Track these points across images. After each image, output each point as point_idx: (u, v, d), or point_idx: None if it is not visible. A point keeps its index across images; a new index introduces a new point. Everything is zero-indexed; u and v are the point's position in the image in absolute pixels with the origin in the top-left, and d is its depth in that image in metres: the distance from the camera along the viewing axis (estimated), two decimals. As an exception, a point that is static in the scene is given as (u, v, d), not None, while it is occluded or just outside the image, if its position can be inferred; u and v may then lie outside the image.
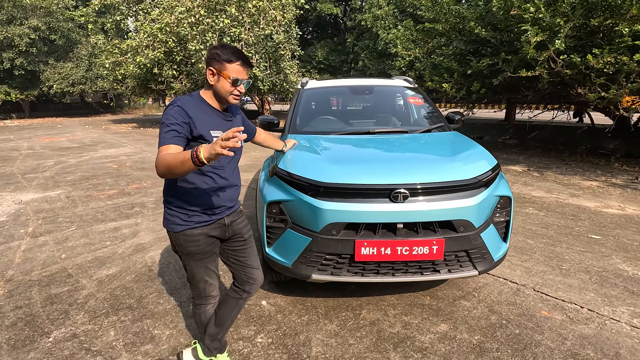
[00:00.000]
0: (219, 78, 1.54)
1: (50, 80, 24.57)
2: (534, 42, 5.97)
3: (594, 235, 3.63)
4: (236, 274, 1.86)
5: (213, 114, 1.62)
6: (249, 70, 1.61)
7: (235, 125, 1.74)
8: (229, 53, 1.53)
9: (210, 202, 1.65)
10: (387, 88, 3.64)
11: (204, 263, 1.71)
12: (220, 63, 1.53)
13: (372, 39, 15.16)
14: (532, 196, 5.04)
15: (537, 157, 8.30)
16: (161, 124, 1.50)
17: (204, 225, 1.65)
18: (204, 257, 1.70)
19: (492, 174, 2.20)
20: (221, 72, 1.53)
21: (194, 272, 1.72)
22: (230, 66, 1.52)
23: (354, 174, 2.07)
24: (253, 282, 1.87)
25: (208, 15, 11.94)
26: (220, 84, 1.55)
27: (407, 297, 2.57)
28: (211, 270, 1.76)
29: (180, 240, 1.64)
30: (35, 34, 23.08)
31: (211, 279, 1.77)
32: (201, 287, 1.76)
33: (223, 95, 1.58)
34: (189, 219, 1.62)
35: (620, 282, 2.71)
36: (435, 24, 8.49)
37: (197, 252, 1.67)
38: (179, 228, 1.62)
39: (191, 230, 1.63)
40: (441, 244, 2.03)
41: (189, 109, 1.52)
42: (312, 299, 2.57)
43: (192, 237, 1.64)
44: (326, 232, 2.05)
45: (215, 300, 1.84)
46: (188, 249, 1.66)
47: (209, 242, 1.69)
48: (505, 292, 2.61)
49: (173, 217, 1.63)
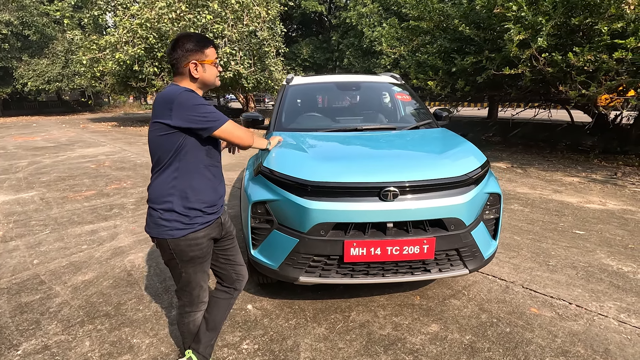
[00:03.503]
0: (204, 67, 1.51)
1: (24, 78, 23.61)
2: (517, 40, 6.03)
3: (578, 230, 3.68)
4: (226, 273, 1.79)
5: None
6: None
7: None
8: (200, 41, 1.51)
9: (212, 198, 1.58)
10: (374, 84, 3.58)
11: (203, 267, 1.63)
12: (201, 52, 1.50)
13: (357, 36, 15.12)
14: (516, 192, 5.09)
15: (520, 153, 8.43)
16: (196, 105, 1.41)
17: (206, 225, 1.56)
18: (205, 261, 1.61)
19: (482, 171, 2.17)
20: (204, 61, 1.51)
21: (191, 279, 1.61)
22: (208, 51, 1.53)
23: (342, 172, 2.00)
24: (243, 278, 1.84)
25: (190, 11, 11.65)
26: (208, 72, 1.54)
27: (397, 297, 2.53)
28: (207, 274, 1.68)
29: (182, 246, 1.51)
30: (8, 29, 22.14)
31: (205, 283, 1.69)
32: (195, 294, 1.65)
33: (211, 82, 1.57)
34: (191, 221, 1.51)
35: (606, 277, 2.73)
36: (420, 22, 8.52)
37: (200, 257, 1.57)
38: (181, 233, 1.49)
39: (195, 234, 1.52)
40: (432, 243, 1.98)
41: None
42: (300, 302, 2.49)
43: (196, 241, 1.53)
44: (314, 232, 1.97)
45: (204, 307, 1.74)
46: (191, 254, 1.54)
47: (210, 244, 1.62)
48: (494, 289, 2.59)
49: (171, 221, 1.48)
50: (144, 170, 6.96)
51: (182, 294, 1.65)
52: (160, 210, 1.48)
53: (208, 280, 1.71)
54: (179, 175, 1.47)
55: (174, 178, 1.47)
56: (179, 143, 1.43)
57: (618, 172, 6.28)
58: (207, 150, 1.53)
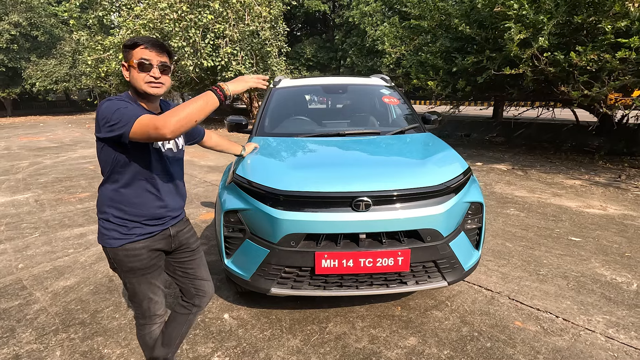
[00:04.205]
0: (130, 70, 1.39)
1: (32, 78, 23.93)
2: (517, 39, 5.89)
3: (574, 237, 3.56)
4: (184, 287, 1.72)
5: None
6: (164, 55, 1.41)
7: None
8: (133, 39, 1.38)
9: (154, 211, 1.50)
10: (362, 87, 3.50)
11: (148, 279, 1.55)
12: (127, 52, 1.38)
13: (360, 35, 15.00)
14: (514, 196, 4.97)
15: (523, 155, 8.27)
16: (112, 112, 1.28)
17: (146, 237, 1.49)
18: (147, 273, 1.53)
19: (462, 180, 2.09)
20: (129, 61, 1.38)
21: (136, 290, 1.55)
22: (134, 51, 1.37)
23: (313, 181, 1.93)
24: (203, 294, 1.74)
25: (191, 11, 11.65)
26: (132, 75, 1.39)
27: (378, 307, 2.45)
28: (156, 286, 1.59)
29: (120, 256, 1.47)
30: (16, 30, 22.45)
31: (156, 296, 1.60)
32: (145, 306, 1.59)
33: (139, 87, 1.39)
34: (128, 232, 1.45)
35: (598, 288, 2.63)
36: (421, 21, 8.39)
37: (140, 268, 1.51)
38: (118, 242, 1.45)
39: (132, 244, 1.46)
40: (407, 255, 1.90)
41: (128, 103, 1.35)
42: (278, 311, 2.44)
43: (134, 252, 1.47)
44: (284, 243, 1.91)
45: (162, 320, 1.68)
46: (129, 265, 1.48)
47: (152, 255, 1.53)
48: (479, 300, 2.50)
49: (109, 230, 1.45)
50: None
51: (133, 305, 1.60)
52: (102, 220, 1.46)
53: (163, 294, 1.64)
54: (117, 188, 1.42)
55: (112, 190, 1.43)
56: (114, 156, 1.37)
57: (622, 174, 6.11)
58: (147, 162, 1.44)
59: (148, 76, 1.39)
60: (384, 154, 2.38)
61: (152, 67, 1.39)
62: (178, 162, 1.63)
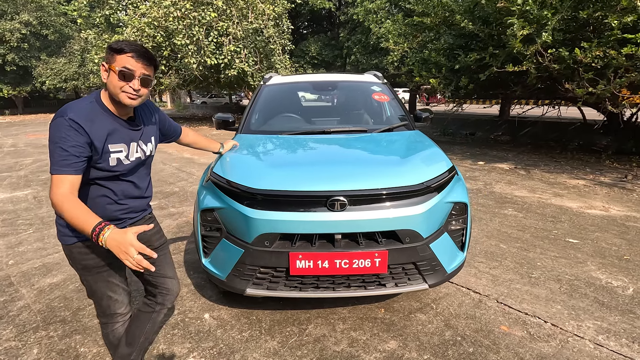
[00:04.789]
0: (109, 73, 1.33)
1: (42, 76, 24.32)
2: (521, 35, 5.75)
3: (572, 239, 3.45)
4: (147, 285, 1.69)
5: (114, 122, 1.40)
6: (150, 68, 1.37)
7: (145, 136, 1.53)
8: (121, 44, 1.32)
9: (110, 214, 1.47)
10: (352, 84, 3.44)
11: (104, 277, 1.51)
12: (111, 55, 1.32)
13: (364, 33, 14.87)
14: (513, 196, 4.85)
15: (527, 154, 8.10)
16: (51, 142, 1.27)
17: None
18: (104, 271, 1.50)
19: (444, 179, 2.02)
20: (110, 65, 1.32)
21: (94, 288, 1.52)
22: (119, 57, 1.30)
23: (287, 180, 1.88)
24: (167, 292, 1.69)
25: (194, 9, 11.67)
26: (111, 80, 1.33)
27: (360, 309, 2.40)
28: (115, 284, 1.55)
29: (74, 253, 1.44)
30: (27, 29, 22.82)
31: (115, 294, 1.57)
32: (104, 304, 1.56)
33: (115, 94, 1.34)
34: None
35: (591, 292, 2.53)
36: (424, 18, 8.26)
37: (95, 266, 1.47)
38: (71, 240, 1.42)
39: (86, 242, 1.43)
40: (384, 257, 1.84)
41: (84, 121, 1.29)
42: (259, 312, 2.40)
43: (88, 249, 1.44)
44: (258, 243, 1.87)
45: (125, 318, 1.65)
46: (83, 263, 1.46)
47: (107, 254, 1.42)
48: (466, 303, 2.43)
49: (64, 227, 1.42)
50: (140, 169, 7.00)
51: (94, 303, 1.58)
52: (58, 216, 1.41)
53: (125, 292, 1.61)
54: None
55: None
56: None
57: (629, 174, 5.94)
58: (105, 171, 1.40)
59: (127, 86, 1.33)
60: (366, 152, 2.31)
61: (133, 78, 1.33)
62: (145, 165, 1.59)
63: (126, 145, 1.44)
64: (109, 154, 1.37)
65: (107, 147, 1.36)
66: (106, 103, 1.40)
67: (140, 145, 1.51)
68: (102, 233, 1.19)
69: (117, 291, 1.57)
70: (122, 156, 1.42)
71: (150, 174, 1.67)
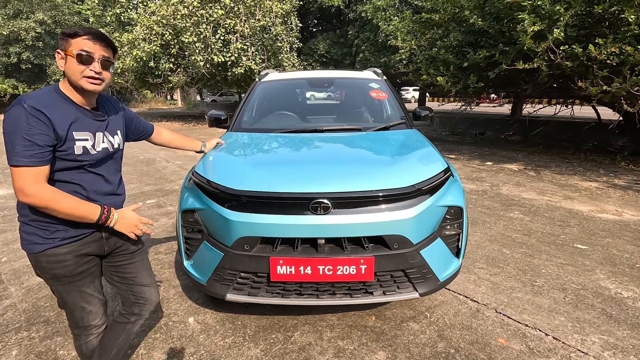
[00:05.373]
0: (66, 59, 1.27)
1: (57, 74, 24.74)
2: (531, 32, 5.54)
3: (580, 244, 3.27)
4: (122, 294, 1.59)
5: (77, 111, 1.33)
6: (108, 50, 1.32)
7: (110, 128, 1.46)
8: (75, 29, 1.27)
9: None
10: (350, 81, 3.32)
11: (77, 287, 1.42)
12: (65, 40, 1.26)
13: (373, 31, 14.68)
14: (521, 198, 4.67)
15: (538, 154, 7.85)
16: (8, 132, 1.19)
17: (72, 241, 1.36)
18: (76, 280, 1.40)
19: (437, 181, 1.89)
20: (67, 51, 1.26)
21: (65, 299, 1.43)
22: (74, 41, 1.25)
23: (269, 180, 1.79)
24: (144, 302, 1.59)
25: (202, 7, 11.67)
26: (69, 66, 1.27)
27: (350, 316, 2.29)
28: (88, 294, 1.46)
29: (42, 263, 1.34)
30: (42, 27, 23.22)
31: (89, 304, 1.47)
32: (77, 316, 1.46)
33: (75, 80, 1.28)
34: (50, 236, 1.33)
35: (599, 303, 2.37)
36: (433, 15, 8.06)
37: (66, 275, 1.37)
38: (39, 248, 1.32)
39: (55, 250, 1.33)
40: (370, 263, 1.73)
41: (45, 108, 1.23)
42: (245, 317, 2.31)
43: (57, 258, 1.34)
44: (238, 247, 1.78)
45: (100, 330, 1.54)
46: (53, 272, 1.36)
47: (80, 261, 1.40)
48: (462, 312, 2.30)
49: (30, 234, 1.33)
50: (143, 166, 7.00)
51: (66, 314, 1.49)
52: (21, 222, 1.33)
53: (100, 302, 1.52)
54: None
55: None
56: None
57: (645, 177, 5.67)
58: (69, 163, 1.31)
59: (88, 70, 1.28)
60: (356, 152, 2.20)
61: (92, 60, 1.28)
62: (114, 159, 1.51)
63: (92, 134, 1.36)
64: (73, 141, 1.30)
65: (72, 135, 1.29)
66: (67, 92, 1.32)
67: (107, 136, 1.44)
68: (111, 215, 1.36)
69: (91, 301, 1.48)
70: (88, 145, 1.34)
71: (120, 171, 1.59)
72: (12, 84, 24.27)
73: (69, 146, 1.29)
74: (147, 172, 6.48)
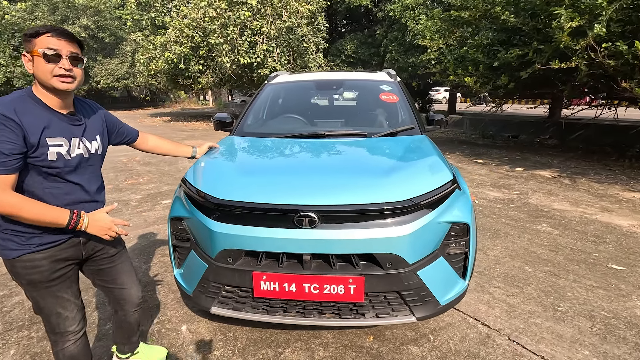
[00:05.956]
0: (34, 60, 1.24)
1: (98, 76, 26.20)
2: (568, 28, 5.11)
3: (616, 264, 2.93)
4: (105, 293, 1.64)
5: (51, 116, 1.30)
6: (74, 45, 1.30)
7: (88, 132, 1.43)
8: (36, 28, 1.24)
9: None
10: (360, 83, 3.16)
11: (53, 292, 1.40)
12: (29, 41, 1.24)
13: (401, 30, 14.31)
14: (551, 209, 4.30)
15: (576, 160, 7.28)
16: None
17: (49, 247, 1.35)
18: (52, 285, 1.39)
19: (440, 194, 1.71)
20: (32, 51, 1.23)
21: (41, 305, 1.41)
22: (38, 40, 1.23)
23: (254, 190, 1.69)
24: (124, 302, 1.63)
25: (229, 9, 11.86)
26: (37, 67, 1.24)
27: (347, 335, 2.14)
28: (65, 299, 1.44)
29: (17, 268, 1.33)
30: (86, 32, 24.64)
31: (66, 310, 1.45)
32: (54, 322, 1.44)
33: (46, 81, 1.25)
34: (26, 242, 1.31)
35: (632, 337, 2.08)
36: (462, 12, 7.68)
37: (41, 281, 1.36)
38: (14, 254, 1.31)
39: (30, 255, 1.32)
40: (360, 283, 1.59)
41: (15, 114, 1.20)
42: (238, 329, 2.23)
43: (33, 263, 1.33)
44: (221, 259, 1.69)
45: (78, 336, 1.51)
46: (28, 278, 1.34)
47: (56, 267, 1.38)
48: (470, 338, 2.09)
49: (5, 240, 1.31)
50: (165, 166, 7.17)
51: (42, 320, 1.47)
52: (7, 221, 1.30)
53: (77, 307, 1.49)
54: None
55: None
56: None
57: (700, 188, 5.08)
58: (43, 171, 1.29)
59: (57, 68, 1.25)
60: (353, 161, 2.05)
61: (60, 57, 1.25)
62: (92, 165, 1.46)
63: (67, 140, 1.33)
64: (47, 147, 1.27)
65: (45, 140, 1.26)
66: (40, 96, 1.30)
67: (83, 142, 1.40)
68: (81, 220, 1.32)
69: (67, 307, 1.45)
70: (62, 150, 1.31)
71: (100, 176, 1.55)
72: (58, 85, 25.94)
73: (42, 152, 1.26)
74: (169, 172, 6.62)
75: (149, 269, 3.05)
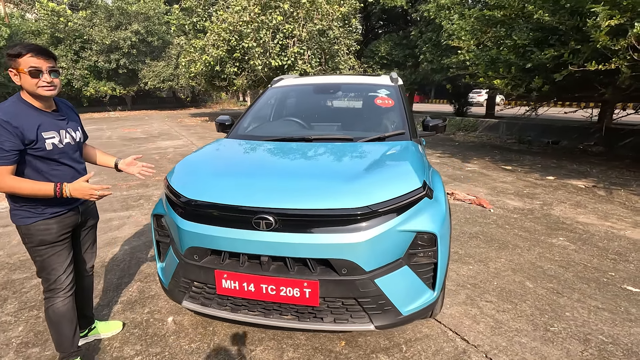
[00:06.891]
0: (21, 76, 1.54)
1: (146, 78, 28.01)
2: (605, 27, 4.72)
3: (632, 286, 2.68)
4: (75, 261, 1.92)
5: (41, 115, 1.64)
6: (50, 60, 1.59)
7: (70, 125, 1.76)
8: (17, 49, 1.52)
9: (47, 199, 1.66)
10: (358, 87, 3.14)
11: (57, 251, 1.75)
12: (13, 61, 1.53)
13: (436, 31, 13.89)
14: (574, 222, 4.00)
15: (619, 169, 6.68)
16: None
17: (58, 215, 1.71)
18: (57, 245, 1.74)
19: (401, 203, 1.68)
20: (18, 69, 1.53)
21: (44, 263, 1.74)
22: (21, 60, 1.52)
23: (221, 191, 1.76)
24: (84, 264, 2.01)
25: (262, 13, 12.18)
26: (24, 81, 1.55)
27: (320, 338, 2.16)
28: (63, 259, 1.79)
29: (32, 231, 1.68)
30: (136, 37, 26.45)
31: (62, 268, 1.80)
32: (51, 278, 1.76)
33: (33, 91, 1.57)
34: (42, 212, 1.67)
35: (628, 365, 1.90)
36: (496, 11, 7.34)
37: (50, 241, 1.70)
38: (30, 220, 1.66)
39: (45, 221, 1.69)
40: (315, 287, 1.61)
41: (13, 118, 1.53)
42: (219, 324, 2.31)
43: (47, 226, 1.68)
44: (189, 256, 1.79)
45: (67, 295, 1.81)
46: (40, 238, 1.69)
47: (62, 231, 1.74)
48: (445, 352, 2.02)
49: (21, 211, 1.65)
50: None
51: (42, 279, 1.77)
52: (14, 202, 1.66)
53: (71, 269, 1.81)
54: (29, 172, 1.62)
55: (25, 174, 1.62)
56: None
57: None
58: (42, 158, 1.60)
59: (40, 81, 1.56)
60: (325, 166, 2.05)
61: (42, 73, 1.56)
62: (76, 151, 1.81)
63: (57, 132, 1.67)
64: (44, 140, 1.60)
65: (41, 135, 1.60)
66: (29, 100, 1.62)
67: (69, 132, 1.74)
68: (64, 188, 1.60)
69: (64, 265, 1.79)
70: (55, 141, 1.65)
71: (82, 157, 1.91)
72: (112, 86, 28.03)
73: (41, 145, 1.61)
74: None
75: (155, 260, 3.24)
